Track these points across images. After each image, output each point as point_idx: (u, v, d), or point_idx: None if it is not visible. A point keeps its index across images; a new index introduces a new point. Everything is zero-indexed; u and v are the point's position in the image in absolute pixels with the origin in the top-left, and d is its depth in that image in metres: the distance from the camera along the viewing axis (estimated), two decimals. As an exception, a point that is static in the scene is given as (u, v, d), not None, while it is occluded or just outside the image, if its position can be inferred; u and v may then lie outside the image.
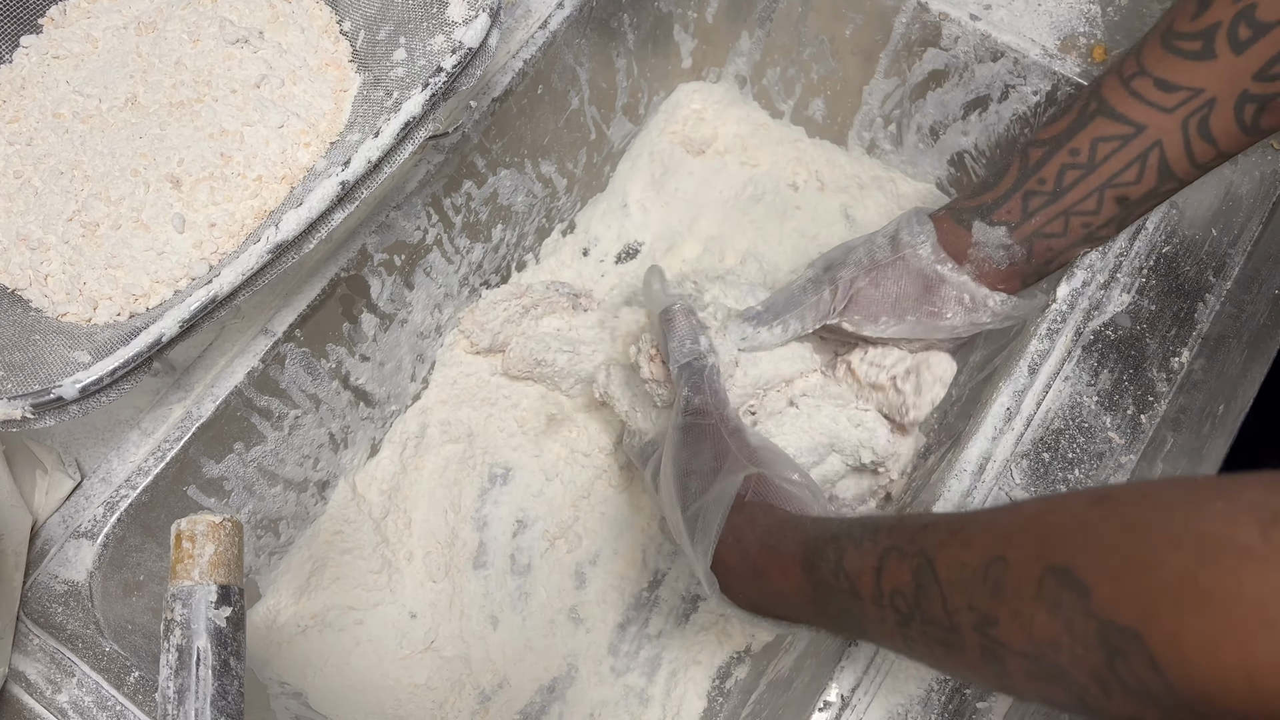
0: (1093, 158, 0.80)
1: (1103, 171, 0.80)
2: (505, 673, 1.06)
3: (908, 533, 0.62)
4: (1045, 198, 0.83)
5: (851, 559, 0.65)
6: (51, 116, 0.86)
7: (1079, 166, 0.81)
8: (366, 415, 1.08)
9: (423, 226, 1.02)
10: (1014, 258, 0.86)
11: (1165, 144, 0.77)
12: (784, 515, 0.76)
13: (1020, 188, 0.84)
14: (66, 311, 0.79)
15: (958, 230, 0.87)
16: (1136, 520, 0.49)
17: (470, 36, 0.81)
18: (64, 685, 0.79)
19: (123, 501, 0.86)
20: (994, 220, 0.85)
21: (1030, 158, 0.83)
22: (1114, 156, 0.79)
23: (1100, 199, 0.81)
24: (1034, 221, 0.84)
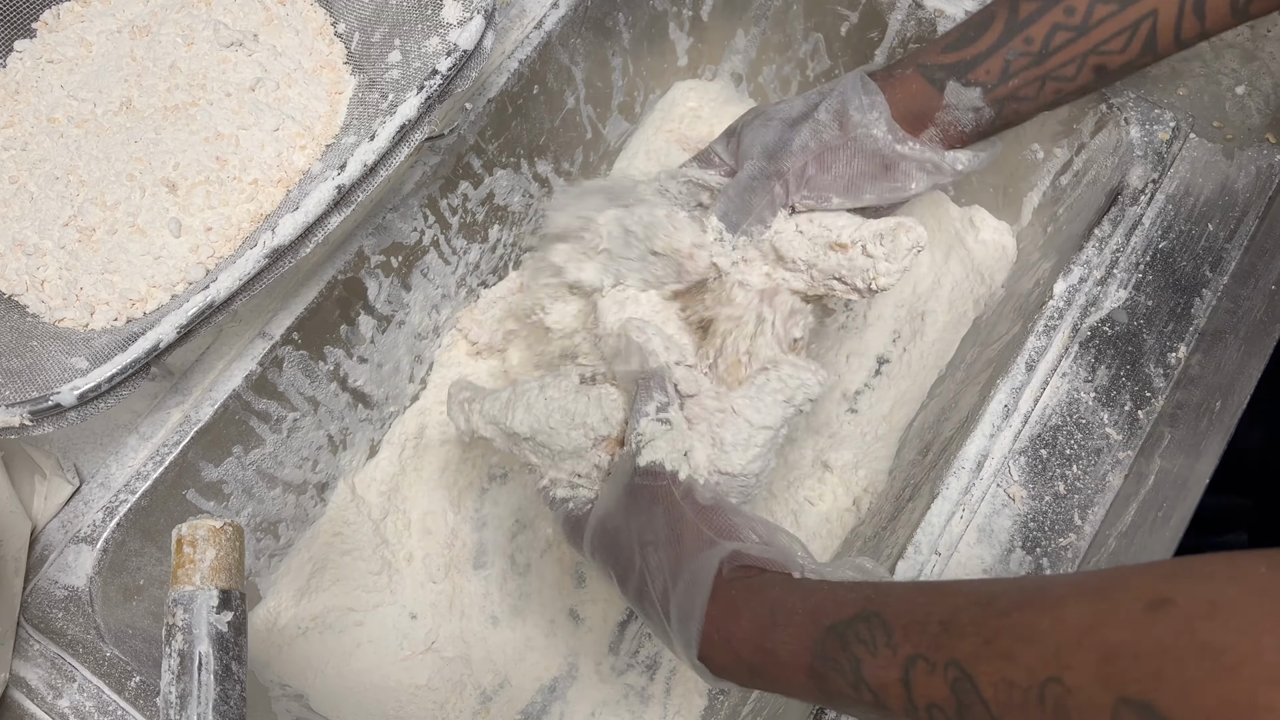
0: (1087, 19, 0.77)
1: (1092, 36, 0.78)
2: (506, 673, 1.06)
3: (929, 636, 0.56)
4: (1028, 59, 0.80)
5: (870, 670, 0.58)
6: (46, 121, 0.86)
7: (1071, 28, 0.78)
8: (365, 417, 1.08)
9: (419, 228, 1.02)
10: (981, 120, 0.83)
11: (1160, 14, 0.76)
12: (773, 600, 0.67)
13: (1004, 45, 0.80)
14: (64, 317, 0.79)
15: (928, 92, 0.83)
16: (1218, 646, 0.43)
17: (465, 39, 0.81)
18: (65, 691, 0.79)
19: (122, 506, 0.86)
20: (970, 80, 0.82)
21: (1020, 10, 0.80)
22: (1108, 21, 0.77)
23: (1081, 65, 0.79)
24: (1011, 84, 0.81)
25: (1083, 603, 0.49)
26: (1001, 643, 0.51)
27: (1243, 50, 1.00)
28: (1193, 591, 0.46)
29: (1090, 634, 0.48)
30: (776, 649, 0.64)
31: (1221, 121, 0.97)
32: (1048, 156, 1.07)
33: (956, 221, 1.17)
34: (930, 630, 0.55)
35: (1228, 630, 0.43)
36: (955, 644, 0.54)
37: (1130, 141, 0.96)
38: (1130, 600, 0.47)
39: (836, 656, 0.60)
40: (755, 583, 0.68)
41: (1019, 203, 1.12)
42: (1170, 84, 0.99)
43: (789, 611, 0.65)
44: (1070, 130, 1.03)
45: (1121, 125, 0.98)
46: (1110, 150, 0.99)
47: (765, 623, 0.66)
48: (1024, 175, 1.10)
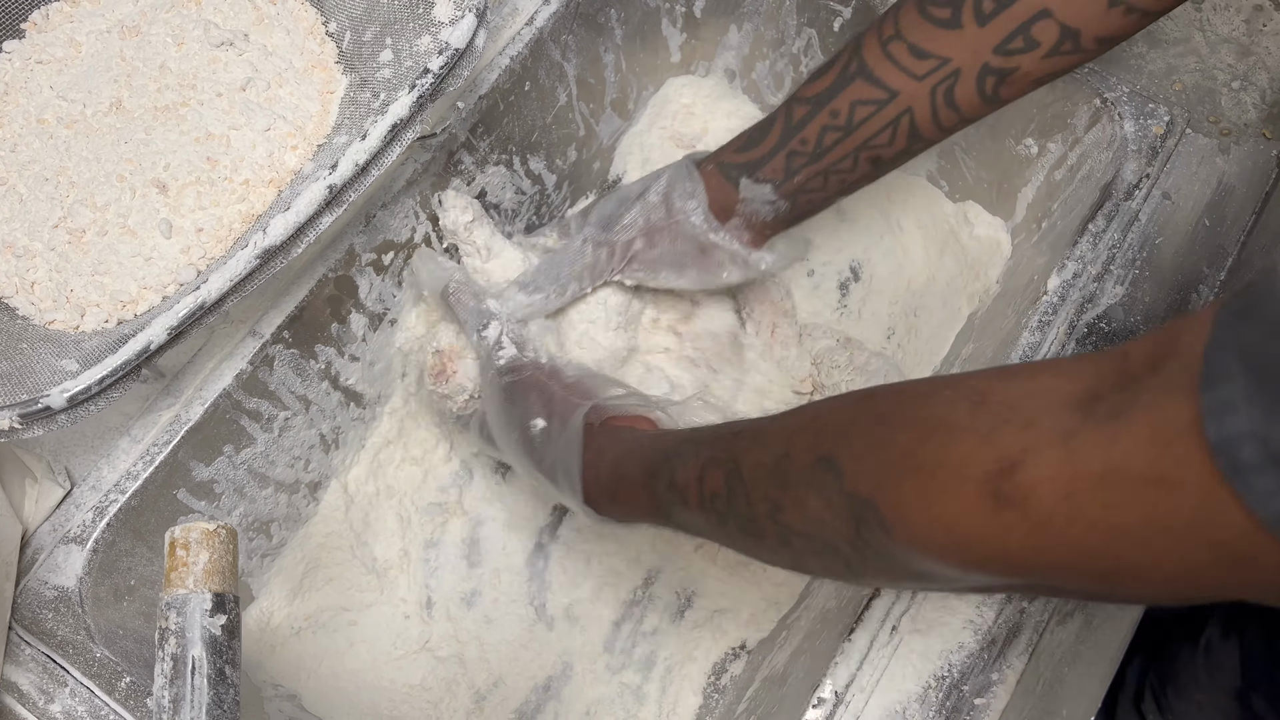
0: (850, 120, 0.85)
1: (859, 135, 0.85)
2: (500, 672, 1.05)
3: (722, 442, 0.70)
4: (806, 158, 0.88)
5: (680, 474, 0.72)
6: (35, 122, 0.85)
7: (838, 129, 0.85)
8: (357, 416, 1.08)
9: (411, 225, 1.01)
10: (778, 211, 0.92)
11: (915, 110, 0.82)
12: (627, 439, 0.83)
13: (784, 147, 0.89)
14: (54, 319, 0.79)
15: (726, 187, 0.92)
16: (884, 411, 0.58)
17: (457, 37, 0.80)
18: (56, 695, 0.79)
19: (112, 506, 0.86)
20: (760, 178, 0.90)
21: (794, 114, 0.88)
22: (870, 120, 0.84)
23: (856, 159, 0.87)
24: (796, 180, 0.89)
25: (821, 402, 0.65)
26: (763, 436, 0.66)
27: (1238, 45, 1.00)
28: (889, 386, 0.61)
29: (815, 418, 0.63)
30: (625, 473, 0.80)
31: (1217, 117, 0.97)
32: (1041, 152, 1.06)
33: (950, 217, 1.17)
34: (723, 439, 0.71)
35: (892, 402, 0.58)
36: (737, 444, 0.68)
37: (1124, 136, 0.96)
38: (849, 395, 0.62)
39: (659, 468, 0.75)
40: (619, 431, 0.85)
41: (1013, 198, 1.11)
42: (1166, 79, 0.99)
43: (638, 446, 0.81)
44: (1064, 125, 1.03)
45: (1115, 120, 0.97)
46: (1104, 145, 0.98)
47: (622, 458, 0.82)
48: (1018, 171, 1.10)
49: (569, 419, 0.85)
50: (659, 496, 0.75)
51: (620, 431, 0.85)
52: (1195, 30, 1.01)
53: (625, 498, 0.81)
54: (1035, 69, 0.78)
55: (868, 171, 0.88)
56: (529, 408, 0.89)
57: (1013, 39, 0.76)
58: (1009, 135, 1.08)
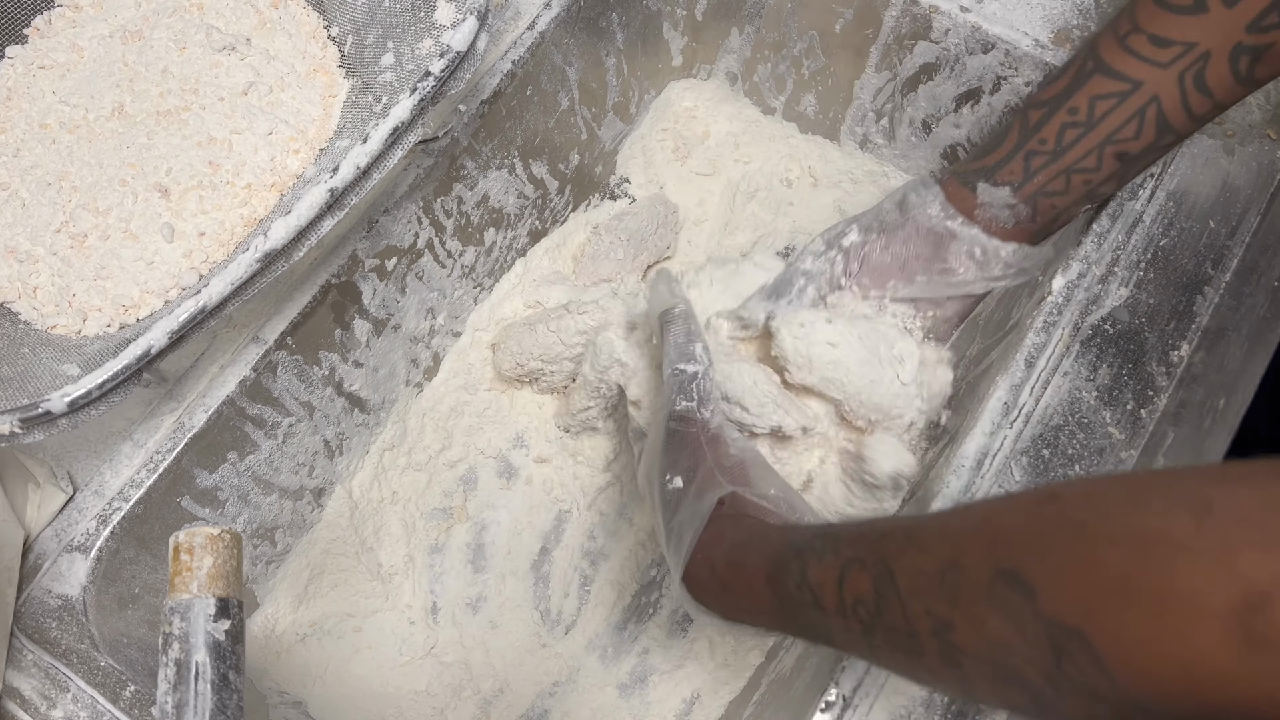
0: (1091, 115, 0.82)
1: (1102, 129, 0.82)
2: (506, 678, 1.05)
3: (867, 542, 0.62)
4: (1046, 157, 0.85)
5: (814, 572, 0.64)
6: (38, 127, 0.85)
7: (1078, 125, 0.83)
8: (361, 421, 1.07)
9: (414, 230, 1.01)
10: (1019, 216, 0.88)
11: (1162, 98, 0.79)
12: (754, 528, 0.76)
13: (1022, 149, 0.86)
14: (56, 324, 0.79)
15: (963, 192, 0.90)
16: (1079, 521, 0.49)
17: (458, 40, 0.80)
18: (59, 701, 0.79)
19: (116, 514, 0.85)
20: (998, 181, 0.87)
21: (1030, 119, 0.86)
22: (1112, 113, 0.81)
23: (1100, 156, 0.83)
24: (1036, 180, 0.86)
25: (991, 504, 0.56)
26: (920, 540, 0.58)
27: (1241, 45, 1.00)
28: (1077, 488, 0.52)
29: (986, 524, 0.54)
30: (744, 562, 0.72)
31: (1222, 118, 0.96)
32: (1046, 154, 1.06)
33: (954, 220, 1.17)
34: (869, 539, 0.62)
35: (1086, 509, 0.49)
36: (885, 546, 0.60)
37: (1129, 137, 0.96)
38: (1026, 497, 0.54)
39: (789, 563, 0.67)
40: (745, 520, 0.77)
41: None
42: (1169, 80, 0.99)
43: (764, 537, 0.73)
44: (1069, 127, 1.03)
45: (1120, 121, 0.97)
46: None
47: (741, 544, 0.74)
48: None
49: (704, 492, 0.79)
50: (785, 594, 0.67)
51: (746, 520, 0.77)
52: (1199, 31, 1.01)
53: (742, 591, 0.73)
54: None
55: (1114, 170, 0.84)
56: (677, 462, 0.83)
57: (1266, 15, 0.73)
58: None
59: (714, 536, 0.76)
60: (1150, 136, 0.81)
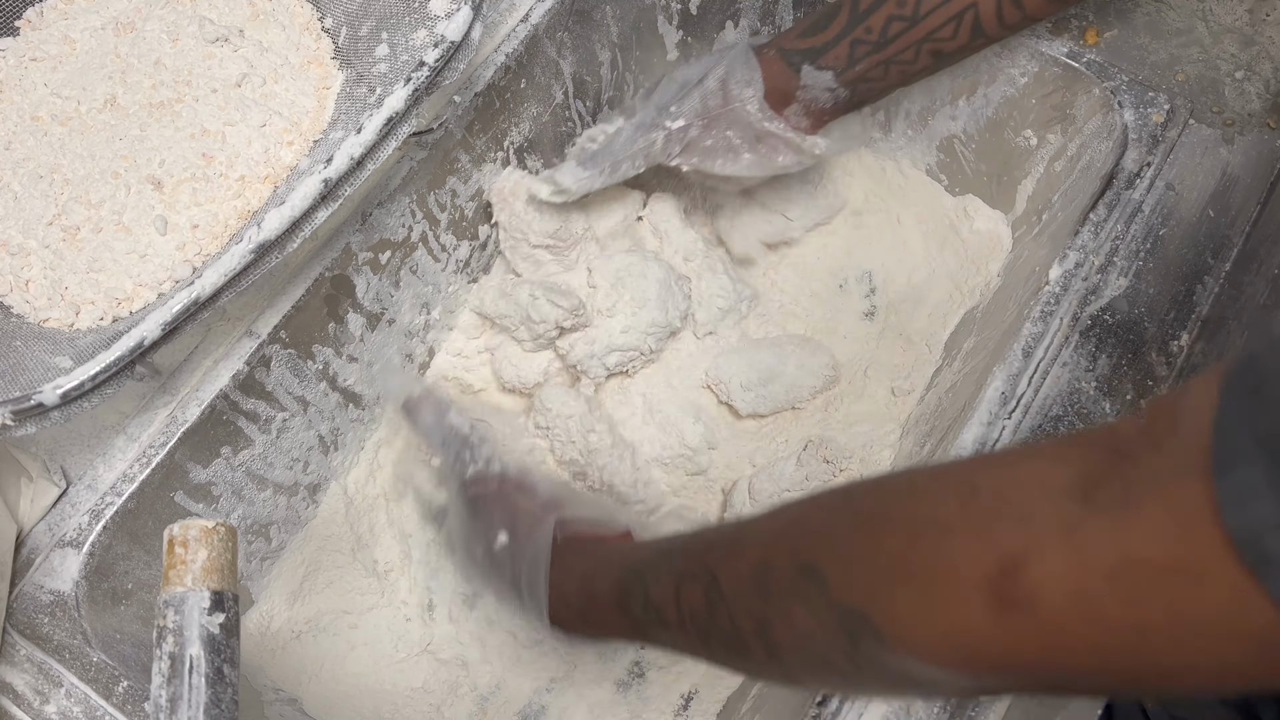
0: (916, 11, 0.86)
1: (923, 26, 0.86)
2: (503, 674, 1.05)
3: (696, 554, 0.65)
4: (869, 47, 0.89)
5: (654, 591, 0.67)
6: (30, 120, 0.85)
7: (904, 19, 0.87)
8: (356, 417, 1.07)
9: (408, 224, 1.01)
10: (838, 99, 0.93)
11: (980, 5, 0.84)
12: (595, 552, 0.79)
13: (848, 35, 0.89)
14: (49, 317, 0.78)
15: (786, 73, 0.93)
16: (866, 511, 0.54)
17: (452, 30, 0.80)
18: (52, 696, 0.78)
19: (108, 509, 0.85)
20: (821, 65, 0.91)
21: (860, 3, 0.89)
22: (935, 12, 0.85)
23: (918, 51, 0.88)
24: (858, 68, 0.90)
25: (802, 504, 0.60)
26: (740, 545, 0.62)
27: (1241, 35, 1.00)
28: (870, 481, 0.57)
29: (792, 523, 0.59)
30: (595, 593, 0.75)
31: (1221, 107, 0.96)
32: (1041, 143, 1.06)
33: (950, 212, 1.17)
34: (697, 551, 0.66)
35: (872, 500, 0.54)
36: (711, 556, 0.63)
37: (1124, 125, 0.96)
38: (826, 495, 0.58)
39: (632, 586, 0.70)
40: (586, 545, 0.80)
41: (1013, 191, 1.11)
42: (1168, 69, 0.99)
43: (607, 562, 0.76)
44: (1063, 116, 1.03)
45: (1115, 109, 0.97)
46: (1104, 134, 0.98)
47: (589, 574, 0.77)
48: (1018, 163, 1.09)
49: (535, 534, 0.81)
50: (634, 616, 0.70)
51: (588, 545, 0.81)
52: (1198, 20, 1.01)
53: (597, 618, 0.76)
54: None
55: (928, 65, 0.89)
56: (492, 522, 0.85)
57: None
58: (1007, 127, 1.07)
59: (562, 573, 0.79)
60: (964, 39, 0.86)
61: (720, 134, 0.96)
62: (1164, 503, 0.40)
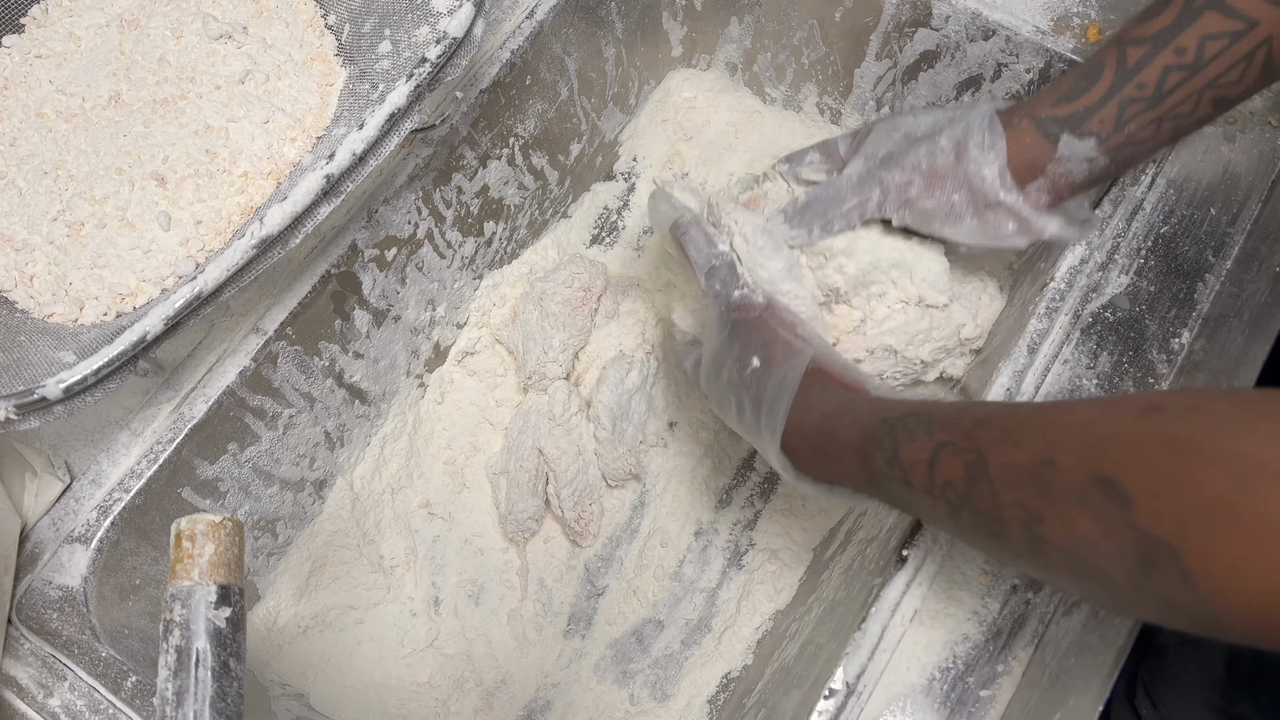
0: (1200, 57, 0.76)
1: (1207, 73, 0.76)
2: (508, 669, 1.05)
3: (962, 428, 0.63)
4: (1143, 104, 0.79)
5: (906, 450, 0.66)
6: (35, 116, 0.85)
7: (1184, 68, 0.76)
8: (362, 413, 1.07)
9: (413, 221, 1.01)
10: (1094, 169, 0.83)
11: (1275, 40, 0.74)
12: (842, 397, 0.77)
13: (1117, 93, 0.79)
14: (53, 312, 0.79)
15: (1041, 144, 0.83)
16: (1183, 436, 0.50)
17: (454, 26, 0.80)
18: (56, 689, 0.79)
19: (116, 505, 0.85)
20: (1084, 132, 0.81)
21: (1129, 58, 0.79)
22: (1222, 55, 0.75)
23: (1198, 101, 0.78)
24: (1127, 130, 0.80)
25: (1093, 406, 0.57)
26: (1018, 433, 0.59)
27: (1243, 31, 0.99)
28: (1182, 400, 0.53)
29: (1087, 426, 0.56)
30: (836, 431, 0.74)
31: (1222, 104, 0.96)
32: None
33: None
34: (964, 425, 0.63)
35: (1191, 425, 0.50)
36: (981, 434, 0.61)
37: (1129, 123, 0.95)
38: (1129, 404, 0.55)
39: (881, 439, 0.68)
40: (831, 388, 0.79)
41: (1019, 189, 1.11)
42: (1170, 66, 0.99)
43: (854, 407, 0.74)
44: (1069, 113, 1.02)
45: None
46: (1110, 132, 0.98)
47: (832, 413, 0.75)
48: (1023, 161, 1.09)
49: (788, 360, 0.80)
50: (875, 467, 0.69)
51: (834, 389, 0.78)
52: (1200, 17, 1.01)
53: (833, 458, 0.74)
54: None
55: (1207, 114, 0.79)
56: (749, 346, 0.84)
57: None
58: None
59: (804, 404, 0.78)
60: (1251, 81, 0.76)
61: (945, 196, 0.87)
62: None
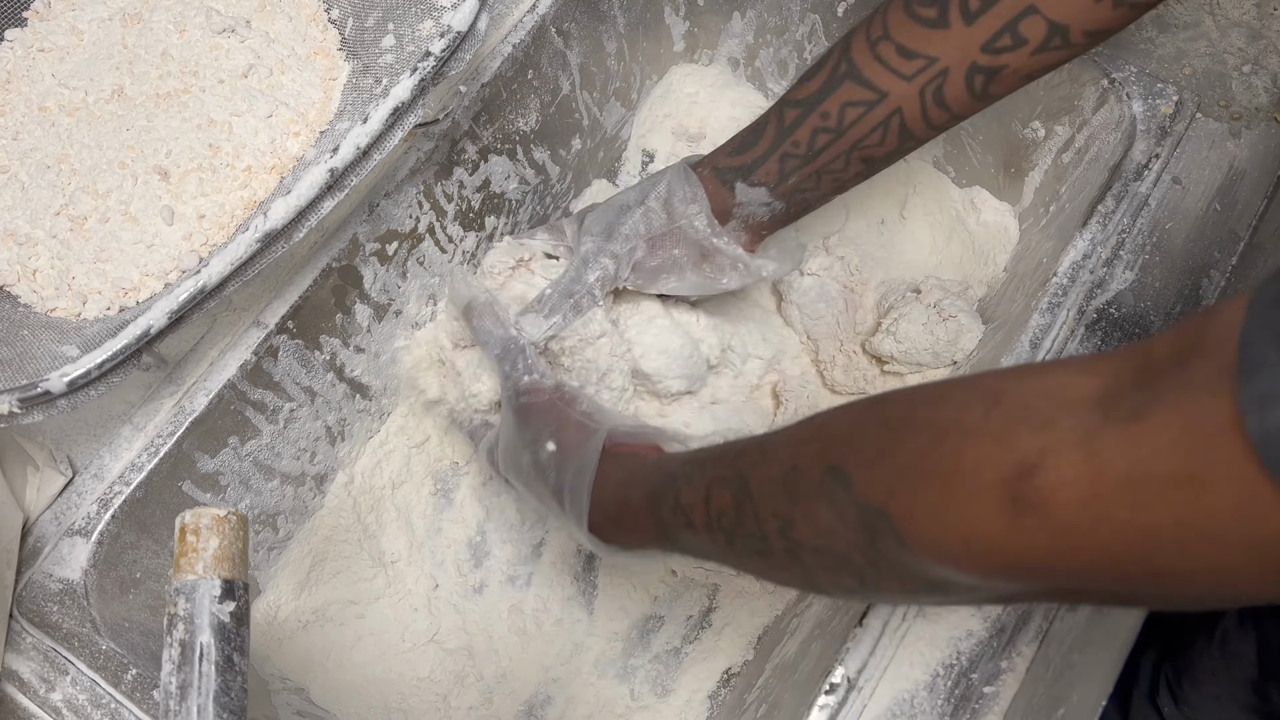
0: (841, 122, 0.85)
1: (850, 135, 0.85)
2: (509, 663, 1.05)
3: (728, 460, 0.68)
4: (799, 160, 0.88)
5: (685, 495, 0.70)
6: (37, 110, 0.85)
7: (829, 130, 0.85)
8: (363, 407, 1.07)
9: (414, 215, 1.01)
10: (774, 212, 0.93)
11: (905, 110, 0.82)
12: (633, 464, 0.82)
13: (777, 150, 0.89)
14: (55, 307, 0.78)
15: (721, 192, 0.93)
16: (893, 415, 0.56)
17: (459, 20, 0.80)
18: (58, 683, 0.79)
19: (116, 498, 0.85)
20: (755, 181, 0.90)
21: (786, 118, 0.88)
22: (860, 122, 0.84)
23: (848, 160, 0.87)
24: (790, 181, 0.89)
25: (832, 410, 0.62)
26: (771, 451, 0.64)
27: (1249, 29, 0.99)
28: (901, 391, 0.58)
29: (822, 428, 0.61)
30: (629, 497, 0.79)
31: (1228, 101, 0.96)
32: (1049, 134, 1.06)
33: (957, 203, 1.16)
34: (729, 457, 0.68)
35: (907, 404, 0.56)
36: (742, 461, 0.66)
37: (1133, 116, 0.95)
38: (859, 403, 0.60)
39: (664, 491, 0.73)
40: (623, 457, 0.84)
41: (1020, 183, 1.11)
42: (1176, 63, 0.98)
43: (643, 470, 0.79)
44: (1071, 107, 1.02)
45: (1124, 100, 0.97)
46: (1113, 126, 0.98)
47: (624, 482, 0.81)
48: (1025, 154, 1.09)
49: (583, 445, 0.85)
50: (664, 520, 0.73)
51: (624, 457, 0.84)
52: (1205, 14, 1.01)
53: (630, 523, 0.79)
54: (1024, 65, 0.78)
55: (860, 170, 0.88)
56: (542, 431, 0.89)
57: (1000, 36, 0.76)
58: (1015, 119, 1.07)
59: (601, 481, 0.83)
60: (893, 144, 0.85)
61: (667, 253, 0.96)
62: (1181, 415, 0.41)
